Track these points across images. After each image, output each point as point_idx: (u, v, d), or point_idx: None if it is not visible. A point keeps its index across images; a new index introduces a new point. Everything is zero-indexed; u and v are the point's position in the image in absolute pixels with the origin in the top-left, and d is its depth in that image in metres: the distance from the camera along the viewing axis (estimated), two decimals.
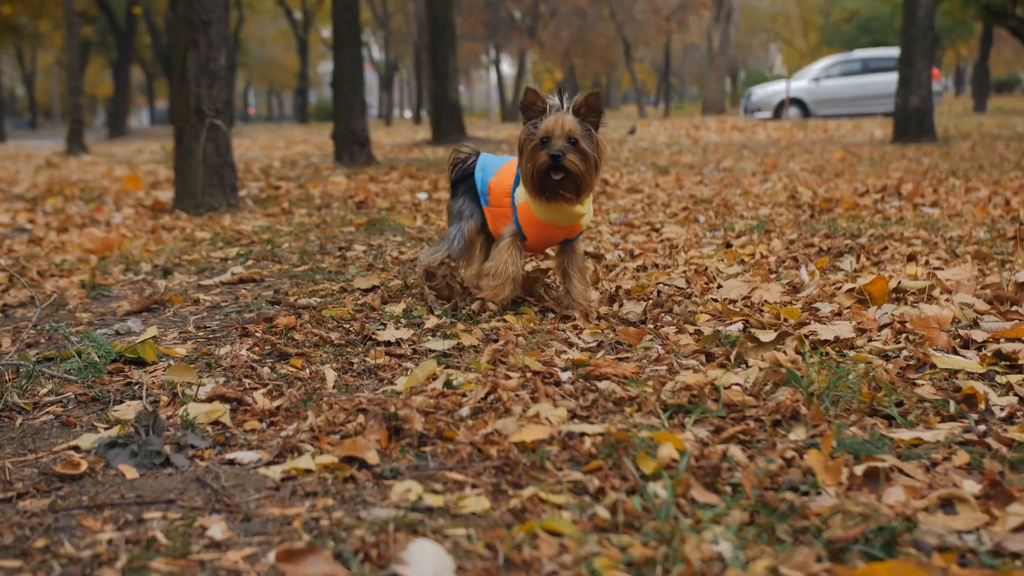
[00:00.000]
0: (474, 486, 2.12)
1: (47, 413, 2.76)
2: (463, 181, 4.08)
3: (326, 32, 60.75)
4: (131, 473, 2.24)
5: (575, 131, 3.60)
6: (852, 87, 30.63)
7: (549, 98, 3.67)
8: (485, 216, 4.01)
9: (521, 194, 3.83)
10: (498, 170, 3.98)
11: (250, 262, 5.36)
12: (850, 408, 2.56)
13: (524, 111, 3.72)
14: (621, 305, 3.89)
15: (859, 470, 2.11)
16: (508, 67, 65.45)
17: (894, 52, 32.54)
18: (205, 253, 5.74)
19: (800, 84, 31.17)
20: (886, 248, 5.11)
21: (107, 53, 46.69)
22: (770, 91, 31.44)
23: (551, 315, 3.83)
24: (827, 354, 3.09)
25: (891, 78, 30.44)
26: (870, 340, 3.27)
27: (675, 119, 38.71)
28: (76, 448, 2.44)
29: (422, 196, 8.67)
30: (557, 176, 3.60)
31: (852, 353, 3.09)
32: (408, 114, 74.27)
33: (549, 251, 4.32)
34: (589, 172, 3.64)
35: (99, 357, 3.19)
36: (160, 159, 16.88)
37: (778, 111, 30.48)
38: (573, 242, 3.94)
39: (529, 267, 4.48)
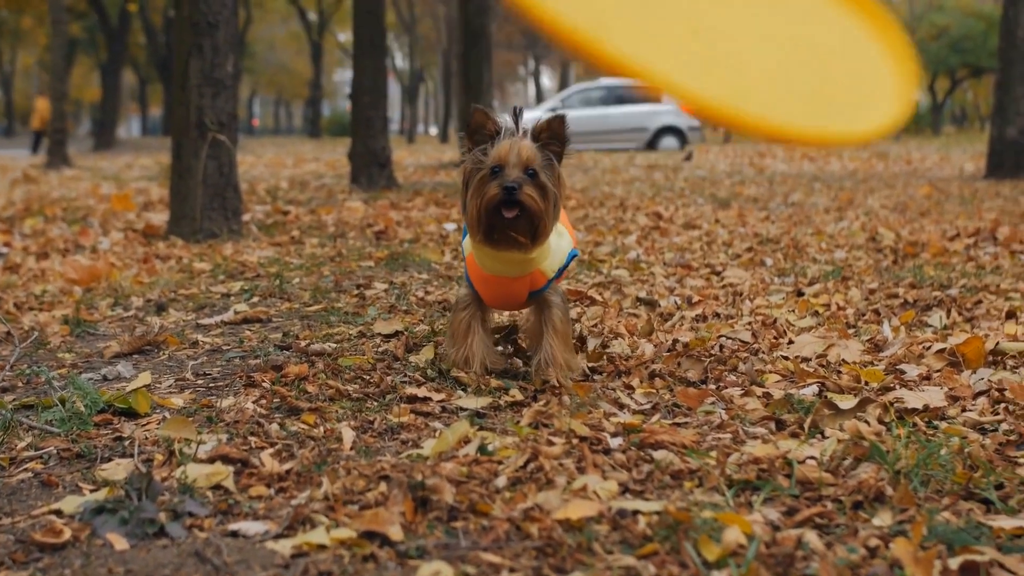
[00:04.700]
0: (512, 570, 2.11)
1: (25, 470, 2.77)
2: None
3: (343, 36, 61.40)
4: (120, 544, 2.24)
5: (534, 160, 3.38)
6: (594, 120, 30.16)
7: (502, 120, 3.49)
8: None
9: (469, 244, 3.66)
10: None
11: (255, 299, 5.39)
12: (942, 490, 2.53)
13: (471, 135, 3.50)
14: (679, 363, 3.87)
15: (954, 564, 2.09)
16: (548, 80, 65.82)
17: None
18: (204, 287, 5.78)
19: (533, 115, 31.31)
20: (980, 302, 5.07)
21: (96, 54, 47.29)
22: (525, 118, 31.43)
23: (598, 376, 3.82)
24: (915, 425, 3.06)
25: (641, 110, 30.37)
26: (964, 410, 3.25)
27: (737, 144, 38.71)
28: (58, 512, 2.44)
29: (450, 227, 8.70)
30: (510, 214, 3.35)
31: (944, 425, 3.07)
32: (433, 131, 74.71)
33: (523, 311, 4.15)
34: (547, 211, 3.40)
35: (85, 407, 3.21)
36: (153, 175, 17.04)
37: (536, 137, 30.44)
38: (543, 294, 3.68)
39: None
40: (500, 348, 4.04)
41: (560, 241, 3.72)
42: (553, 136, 3.47)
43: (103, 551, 2.22)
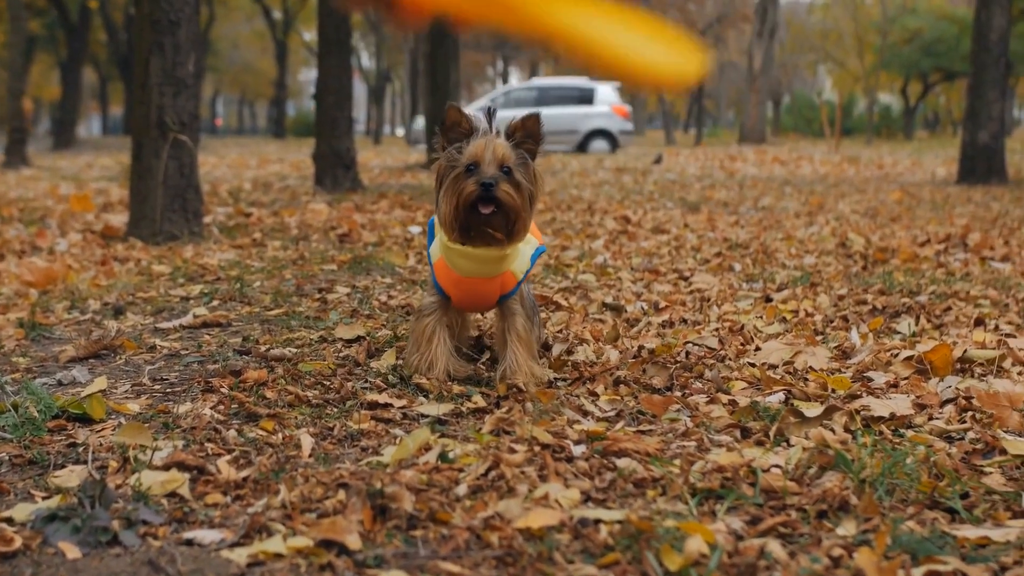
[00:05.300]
0: None
1: None
2: None
3: (309, 35, 61.17)
4: (73, 552, 2.23)
5: (509, 158, 3.47)
6: None
7: (476, 119, 3.57)
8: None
9: (437, 250, 3.73)
10: None
11: (215, 303, 5.37)
12: (907, 499, 2.55)
13: (445, 133, 3.57)
14: (644, 369, 3.88)
15: (918, 574, 2.10)
16: (517, 81, 65.84)
17: (575, 82, 32.80)
18: (163, 290, 5.75)
19: None
20: (949, 309, 5.11)
21: (55, 51, 46.94)
22: None
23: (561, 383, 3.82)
24: (881, 433, 3.08)
25: (571, 111, 30.39)
26: (931, 418, 3.27)
27: (708, 148, 38.89)
28: (9, 520, 2.42)
29: (415, 230, 8.69)
30: (487, 210, 3.44)
31: (910, 433, 3.09)
32: (400, 132, 74.56)
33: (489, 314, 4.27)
34: (524, 208, 3.50)
35: (39, 412, 3.19)
36: (113, 176, 16.94)
37: None
38: (509, 299, 3.76)
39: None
40: (465, 351, 4.04)
41: (525, 247, 3.77)
42: (528, 134, 3.55)
43: (54, 560, 2.21)
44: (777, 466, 2.77)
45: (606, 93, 31.27)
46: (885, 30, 48.32)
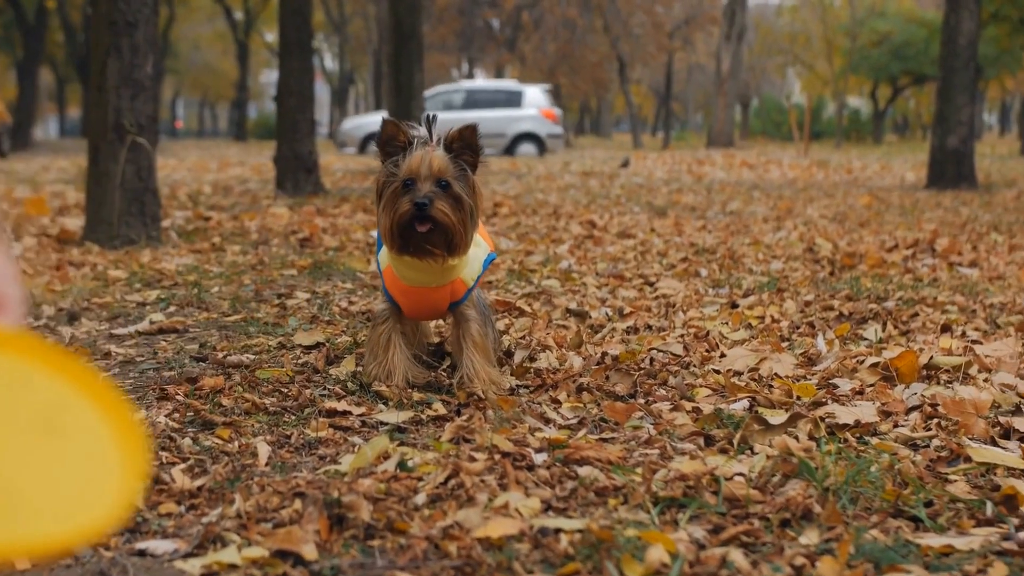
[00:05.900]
0: None
1: None
2: None
3: (271, 36, 61.00)
4: (22, 563, 2.22)
5: (446, 171, 3.46)
6: (452, 124, 29.70)
7: (413, 129, 3.56)
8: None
9: (385, 256, 3.74)
10: None
11: (172, 308, 5.35)
12: (871, 507, 2.56)
13: (382, 147, 3.57)
14: (608, 376, 3.89)
15: None
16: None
17: (504, 84, 32.96)
18: (119, 296, 5.72)
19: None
20: (916, 315, 5.14)
21: (12, 52, 46.68)
22: (356, 124, 31.49)
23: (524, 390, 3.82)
24: (846, 441, 3.10)
25: (498, 114, 30.39)
26: (896, 426, 3.29)
27: (675, 151, 38.98)
28: None
29: (377, 234, 8.66)
30: (423, 228, 3.43)
31: (875, 441, 3.10)
32: None
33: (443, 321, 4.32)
34: (463, 223, 3.48)
35: None
36: (70, 179, 16.84)
37: (363, 145, 30.48)
38: (461, 306, 3.77)
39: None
40: (426, 358, 4.04)
41: (477, 251, 3.77)
42: (465, 145, 3.53)
43: (2, 572, 2.19)
44: (740, 474, 2.77)
45: (534, 96, 31.26)
46: (854, 33, 48.56)
